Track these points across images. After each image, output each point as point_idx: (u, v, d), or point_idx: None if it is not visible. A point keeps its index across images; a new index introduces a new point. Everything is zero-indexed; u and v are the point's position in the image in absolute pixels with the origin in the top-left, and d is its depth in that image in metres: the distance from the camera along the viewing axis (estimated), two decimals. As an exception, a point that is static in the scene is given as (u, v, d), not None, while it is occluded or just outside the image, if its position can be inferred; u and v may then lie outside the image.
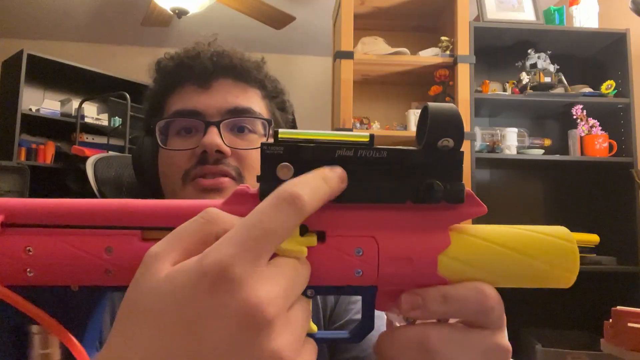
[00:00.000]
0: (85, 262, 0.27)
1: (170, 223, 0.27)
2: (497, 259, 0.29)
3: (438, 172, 0.28)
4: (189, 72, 0.67)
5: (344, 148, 0.28)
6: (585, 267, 2.23)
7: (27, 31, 3.99)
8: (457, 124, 0.28)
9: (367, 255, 0.28)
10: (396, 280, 0.28)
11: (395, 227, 0.28)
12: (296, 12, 3.27)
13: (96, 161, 0.76)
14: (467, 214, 0.29)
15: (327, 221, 0.28)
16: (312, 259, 0.27)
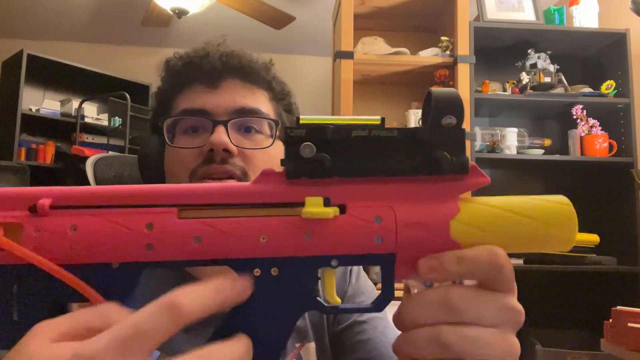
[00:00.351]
0: (127, 238, 0.29)
1: (201, 201, 0.30)
2: (503, 222, 0.32)
3: (444, 147, 0.31)
4: (198, 71, 0.67)
5: (358, 129, 0.31)
6: (585, 267, 2.23)
7: (27, 31, 3.99)
8: (458, 103, 0.31)
9: (386, 222, 0.30)
10: (413, 245, 0.31)
11: (410, 197, 0.31)
12: (296, 12, 3.27)
13: (96, 161, 0.76)
14: (473, 184, 0.33)
15: (348, 195, 0.31)
16: (334, 227, 0.30)
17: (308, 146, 0.30)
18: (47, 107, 3.53)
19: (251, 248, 0.30)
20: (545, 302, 2.55)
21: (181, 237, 0.29)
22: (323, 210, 0.29)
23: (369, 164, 0.31)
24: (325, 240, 0.30)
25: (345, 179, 0.31)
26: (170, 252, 0.29)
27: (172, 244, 0.29)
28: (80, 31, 4.01)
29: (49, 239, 0.28)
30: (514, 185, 2.68)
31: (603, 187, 2.50)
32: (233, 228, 0.29)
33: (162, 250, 0.29)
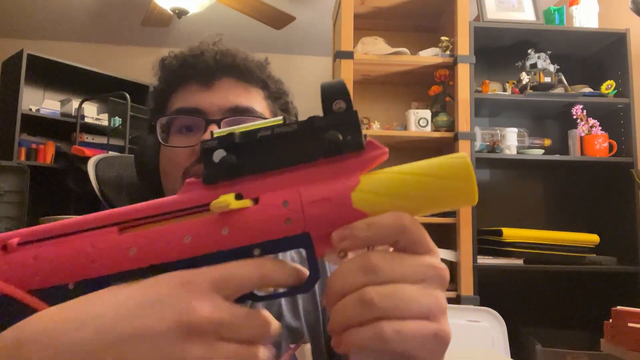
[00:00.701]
0: (75, 257, 0.33)
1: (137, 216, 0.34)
2: (402, 185, 0.33)
3: (340, 129, 0.34)
4: (192, 70, 0.67)
5: (263, 130, 0.34)
6: (585, 267, 2.23)
7: (27, 31, 3.99)
8: (343, 89, 0.34)
9: (293, 204, 0.33)
10: (321, 221, 0.33)
11: (314, 180, 0.34)
12: (296, 12, 3.27)
13: (98, 161, 0.76)
14: (372, 158, 0.34)
15: (260, 188, 0.34)
16: (247, 218, 0.33)
17: (218, 152, 0.34)
18: (47, 107, 3.53)
19: (179, 249, 0.33)
20: (545, 302, 2.55)
21: (118, 250, 0.33)
22: (225, 199, 0.32)
23: (276, 158, 0.34)
24: (241, 231, 0.33)
25: (257, 175, 0.34)
26: (111, 264, 0.33)
27: (111, 256, 0.33)
28: (80, 31, 4.01)
29: (16, 270, 0.33)
30: (514, 185, 2.68)
31: (603, 187, 2.50)
32: (160, 235, 0.33)
33: (104, 264, 0.33)
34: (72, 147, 3.35)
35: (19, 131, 3.27)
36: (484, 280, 2.16)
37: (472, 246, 2.16)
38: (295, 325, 0.66)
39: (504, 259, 2.23)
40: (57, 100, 3.66)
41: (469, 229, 2.17)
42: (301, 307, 0.68)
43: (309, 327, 0.67)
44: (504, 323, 1.94)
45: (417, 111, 2.33)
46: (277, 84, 0.73)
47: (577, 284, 2.51)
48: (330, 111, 0.34)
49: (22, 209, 2.98)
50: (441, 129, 2.33)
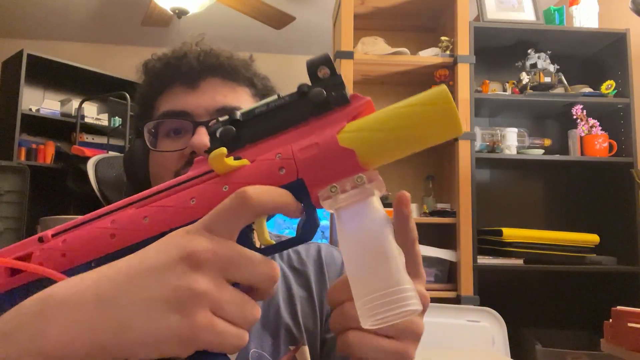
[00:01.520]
0: (97, 234, 0.37)
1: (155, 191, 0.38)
2: (384, 118, 0.35)
3: (327, 90, 0.36)
4: (177, 72, 0.67)
5: (259, 107, 0.37)
6: (585, 267, 2.23)
7: (27, 31, 3.99)
8: (326, 57, 0.36)
9: (285, 155, 0.35)
10: (312, 165, 0.35)
11: (305, 135, 0.36)
12: (296, 12, 3.27)
13: (97, 162, 0.76)
14: (357, 107, 0.36)
15: (259, 152, 0.37)
16: (245, 173, 0.35)
17: (221, 130, 0.37)
18: (47, 107, 3.53)
19: (186, 213, 0.35)
20: (545, 302, 2.55)
21: (134, 221, 0.36)
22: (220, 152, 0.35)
23: (271, 126, 0.37)
24: (239, 185, 0.34)
25: (255, 143, 0.37)
26: (128, 235, 0.36)
27: (128, 228, 0.36)
28: (80, 31, 4.01)
29: (49, 254, 0.37)
30: (514, 185, 2.68)
31: (603, 187, 2.50)
32: (169, 201, 0.36)
33: (122, 236, 0.36)
34: (72, 147, 3.35)
35: (19, 131, 3.27)
36: (484, 280, 2.16)
37: (472, 246, 2.16)
38: (294, 328, 0.66)
39: (504, 259, 2.23)
40: (57, 100, 3.66)
41: (469, 229, 2.17)
42: (300, 311, 0.67)
43: (307, 331, 0.67)
44: (504, 323, 1.94)
45: (417, 111, 2.32)
46: (264, 81, 0.72)
47: (577, 284, 2.51)
48: (316, 78, 0.36)
49: (22, 209, 2.98)
50: (441, 129, 2.33)
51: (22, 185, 2.99)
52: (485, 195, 2.49)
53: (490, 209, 2.50)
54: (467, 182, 2.20)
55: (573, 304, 2.53)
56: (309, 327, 0.67)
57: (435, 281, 2.22)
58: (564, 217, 2.60)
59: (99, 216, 0.38)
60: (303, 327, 0.67)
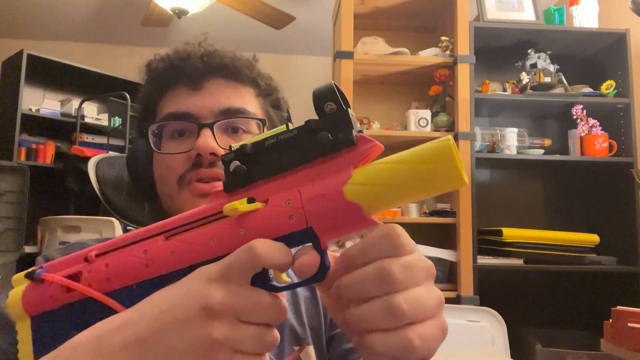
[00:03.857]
0: (134, 263, 0.40)
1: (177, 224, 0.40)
2: (390, 173, 0.35)
3: (334, 129, 0.37)
4: (180, 73, 0.66)
5: (270, 138, 0.38)
6: (585, 267, 2.23)
7: (27, 31, 3.99)
8: (331, 90, 0.36)
9: (294, 202, 0.37)
10: (321, 215, 0.36)
11: (313, 178, 0.37)
12: (296, 12, 3.27)
13: (98, 162, 0.76)
14: (364, 151, 0.36)
15: (270, 191, 0.38)
16: (258, 218, 0.37)
17: (234, 163, 0.39)
18: (47, 107, 3.52)
19: (208, 250, 0.38)
20: (545, 302, 2.55)
21: (164, 255, 0.39)
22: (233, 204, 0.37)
23: (281, 162, 0.38)
24: (254, 230, 0.37)
25: (266, 180, 0.38)
26: (160, 267, 0.39)
27: (159, 260, 0.40)
28: (80, 31, 4.01)
29: (95, 276, 0.41)
30: (514, 185, 2.68)
31: (603, 187, 2.50)
32: (192, 240, 0.39)
33: (155, 267, 0.40)
34: (72, 147, 3.35)
35: (19, 131, 3.27)
36: (484, 280, 2.16)
37: (472, 246, 2.17)
38: (299, 328, 0.66)
39: (504, 259, 2.23)
40: (57, 100, 3.66)
41: (469, 229, 2.17)
42: (304, 311, 0.67)
43: (311, 330, 0.67)
44: (504, 323, 1.94)
45: (417, 111, 2.33)
46: (267, 81, 0.72)
47: (577, 284, 2.51)
48: (323, 113, 0.37)
49: (22, 209, 2.98)
50: (441, 129, 2.33)
51: (22, 185, 2.99)
52: (485, 195, 2.49)
53: (490, 209, 2.50)
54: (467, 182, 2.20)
55: (573, 304, 2.53)
56: (314, 326, 0.68)
57: (435, 281, 2.20)
58: (564, 217, 2.60)
59: (134, 242, 0.42)
60: (308, 327, 0.67)
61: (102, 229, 2.48)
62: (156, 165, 0.68)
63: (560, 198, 2.65)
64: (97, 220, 2.57)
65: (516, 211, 2.60)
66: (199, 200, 0.62)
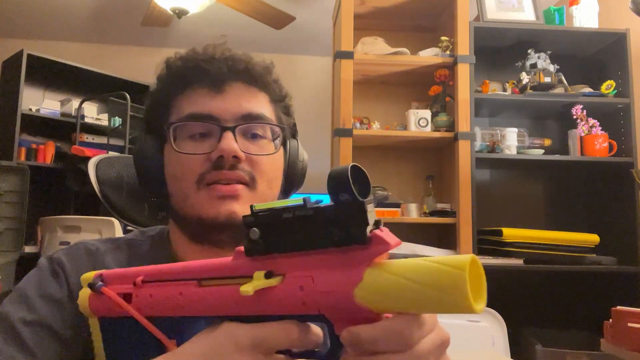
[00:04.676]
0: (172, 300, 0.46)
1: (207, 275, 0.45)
2: (399, 289, 0.35)
3: (347, 220, 0.36)
4: (203, 74, 0.66)
5: (286, 211, 0.39)
6: (585, 267, 2.23)
7: (27, 31, 3.99)
8: (345, 180, 0.36)
9: (307, 290, 0.38)
10: (331, 309, 0.38)
11: (325, 267, 0.38)
12: (296, 12, 3.27)
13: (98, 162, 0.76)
14: (376, 252, 0.36)
15: (285, 266, 0.40)
16: (274, 295, 0.40)
17: (253, 231, 0.40)
18: (47, 107, 3.52)
19: (231, 308, 0.42)
20: (545, 302, 2.55)
21: (196, 301, 0.44)
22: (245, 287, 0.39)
23: (297, 239, 0.39)
24: (271, 304, 0.40)
25: (283, 255, 0.40)
26: (193, 310, 0.45)
27: (192, 304, 0.45)
28: (80, 31, 4.01)
29: (143, 302, 0.47)
30: (514, 185, 2.68)
31: (603, 187, 2.50)
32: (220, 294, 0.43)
33: (188, 308, 0.45)
34: (72, 147, 3.35)
35: (19, 131, 3.27)
36: (484, 280, 2.16)
37: (472, 246, 2.17)
38: None
39: (504, 259, 2.23)
40: (57, 100, 3.66)
41: (469, 229, 2.17)
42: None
43: None
44: (504, 323, 1.94)
45: (417, 111, 2.33)
46: (280, 87, 0.73)
47: (577, 284, 2.51)
48: (338, 201, 0.37)
49: (22, 209, 2.98)
50: (441, 129, 2.33)
51: (22, 185, 2.99)
52: (485, 195, 2.49)
53: (490, 209, 2.50)
54: (467, 182, 2.20)
55: (573, 304, 2.53)
56: None
57: (435, 281, 2.22)
58: (564, 217, 2.60)
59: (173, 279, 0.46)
60: None
61: (102, 229, 2.48)
62: (171, 164, 0.67)
63: (560, 198, 2.65)
64: (97, 220, 2.57)
65: (516, 211, 2.60)
66: (218, 202, 0.62)
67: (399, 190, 2.49)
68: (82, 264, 0.63)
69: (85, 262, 0.64)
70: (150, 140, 0.68)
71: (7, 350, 0.55)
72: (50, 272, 0.62)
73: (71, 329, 0.58)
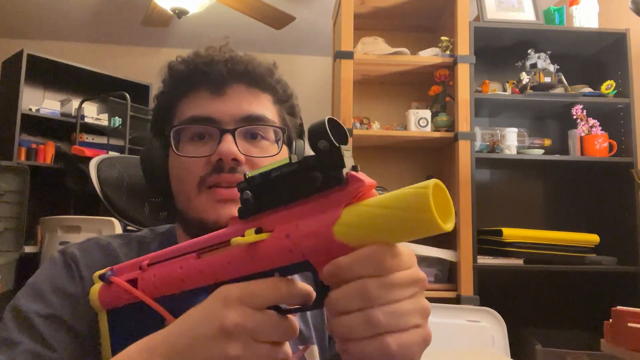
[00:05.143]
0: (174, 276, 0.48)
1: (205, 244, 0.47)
2: (373, 218, 0.37)
3: (326, 165, 0.39)
4: (204, 77, 0.66)
5: (276, 170, 0.42)
6: (585, 267, 2.23)
7: (27, 31, 3.99)
8: (322, 128, 0.38)
9: (293, 236, 0.40)
10: (315, 251, 0.39)
11: (309, 214, 0.40)
12: (296, 12, 3.27)
13: (99, 162, 0.76)
14: (354, 190, 0.38)
15: (275, 221, 0.42)
16: (264, 248, 0.42)
17: (245, 193, 0.43)
18: (47, 107, 3.52)
19: (226, 272, 0.44)
20: (545, 302, 2.55)
21: (195, 272, 0.46)
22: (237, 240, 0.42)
23: (284, 194, 0.42)
24: (261, 259, 0.42)
25: (272, 211, 0.42)
26: (191, 281, 0.46)
27: (191, 276, 0.46)
28: (80, 31, 4.01)
29: (147, 283, 0.50)
30: (514, 185, 2.68)
31: (603, 187, 2.50)
32: (214, 262, 0.45)
33: (188, 281, 0.47)
34: (72, 147, 3.35)
35: (19, 131, 3.27)
36: (484, 280, 2.16)
37: (472, 246, 2.17)
38: (304, 328, 0.68)
39: (504, 259, 2.23)
40: (57, 100, 3.66)
41: (469, 229, 2.17)
42: (309, 312, 0.69)
43: (315, 330, 0.69)
44: (504, 323, 1.94)
45: (417, 111, 2.33)
46: (284, 87, 0.73)
47: (577, 284, 2.51)
48: (317, 150, 0.39)
49: (22, 209, 2.98)
50: (441, 129, 2.33)
51: (22, 185, 2.99)
52: (485, 195, 2.49)
53: (490, 209, 2.50)
54: (467, 182, 2.20)
55: (573, 304, 2.53)
56: (317, 326, 0.70)
57: (435, 281, 2.22)
58: (564, 217, 2.60)
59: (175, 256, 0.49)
60: (312, 327, 0.69)
61: (102, 229, 2.48)
62: (174, 166, 0.68)
63: (560, 198, 2.65)
64: (97, 220, 2.57)
65: (516, 211, 2.60)
66: (218, 205, 0.63)
67: (399, 190, 2.48)
68: (95, 258, 0.64)
69: (98, 257, 0.65)
70: (156, 143, 0.69)
71: (26, 343, 0.55)
72: (64, 266, 0.63)
73: (85, 323, 0.59)
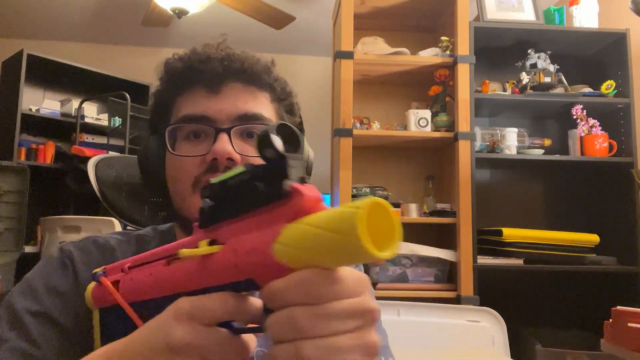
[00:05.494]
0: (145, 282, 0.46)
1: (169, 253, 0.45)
2: (309, 239, 0.33)
3: (270, 176, 0.36)
4: (199, 75, 0.66)
5: (230, 179, 0.39)
6: (585, 267, 2.23)
7: (27, 31, 3.99)
8: (267, 137, 0.35)
9: (238, 253, 0.37)
10: (256, 269, 0.36)
11: (255, 227, 0.37)
12: (296, 12, 3.27)
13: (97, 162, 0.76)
14: (296, 205, 0.35)
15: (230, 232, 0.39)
16: (213, 263, 0.39)
17: (205, 201, 0.41)
18: (47, 107, 3.52)
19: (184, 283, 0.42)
20: (545, 302, 2.55)
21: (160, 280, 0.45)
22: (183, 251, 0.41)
23: (237, 205, 0.39)
24: (212, 273, 0.39)
25: (227, 222, 0.40)
26: (158, 289, 0.45)
27: (157, 284, 0.45)
28: (80, 31, 4.01)
29: (127, 287, 0.48)
30: (514, 185, 2.68)
31: (603, 187, 2.50)
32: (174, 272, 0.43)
33: (156, 288, 0.45)
34: (72, 147, 3.35)
35: (19, 131, 3.27)
36: (484, 280, 2.16)
37: (472, 246, 2.16)
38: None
39: (504, 259, 2.23)
40: (57, 100, 3.66)
41: (469, 229, 2.17)
42: None
43: None
44: (504, 323, 1.94)
45: (417, 111, 2.32)
46: (282, 85, 0.72)
47: (577, 284, 2.51)
48: (265, 158, 0.36)
49: (22, 209, 2.98)
50: (441, 129, 2.33)
51: (22, 185, 2.99)
52: (485, 195, 2.49)
53: (490, 209, 2.50)
54: (467, 182, 2.20)
55: (573, 304, 2.53)
56: None
57: (435, 281, 2.22)
58: (564, 217, 2.60)
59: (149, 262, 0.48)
60: None
61: (102, 229, 2.48)
62: (170, 166, 0.67)
63: (560, 198, 2.65)
64: (97, 220, 2.57)
65: (516, 211, 2.60)
66: None
67: (398, 190, 2.48)
68: (92, 257, 0.64)
69: (95, 256, 0.65)
70: (153, 142, 0.69)
71: (12, 339, 0.55)
72: (59, 263, 0.63)
73: (75, 321, 0.59)
